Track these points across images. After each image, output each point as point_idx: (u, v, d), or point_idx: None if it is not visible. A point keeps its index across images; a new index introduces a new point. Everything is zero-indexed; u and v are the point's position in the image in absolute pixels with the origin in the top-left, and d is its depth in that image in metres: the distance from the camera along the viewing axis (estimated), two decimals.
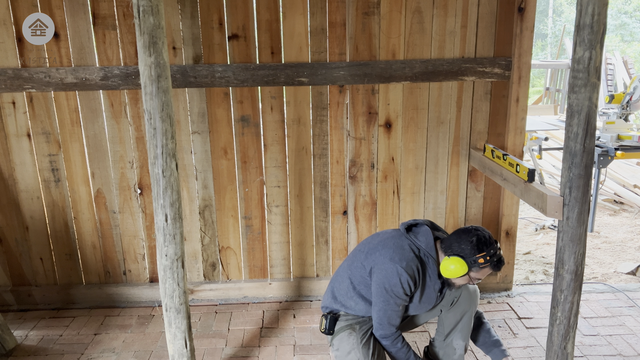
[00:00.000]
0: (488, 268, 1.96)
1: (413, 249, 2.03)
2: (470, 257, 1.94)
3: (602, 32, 1.74)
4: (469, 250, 1.94)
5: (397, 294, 1.98)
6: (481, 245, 1.94)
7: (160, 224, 2.01)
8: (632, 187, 5.23)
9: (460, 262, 1.94)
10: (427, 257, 2.03)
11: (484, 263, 1.93)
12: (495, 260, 1.94)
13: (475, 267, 1.95)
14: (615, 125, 4.04)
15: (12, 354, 2.56)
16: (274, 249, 3.00)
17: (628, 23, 17.97)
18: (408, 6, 2.68)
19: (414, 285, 2.00)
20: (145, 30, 1.85)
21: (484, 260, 1.93)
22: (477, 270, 1.96)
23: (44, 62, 2.65)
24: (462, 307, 2.17)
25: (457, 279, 2.01)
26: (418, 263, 2.01)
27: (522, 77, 2.76)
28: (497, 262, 1.95)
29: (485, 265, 1.94)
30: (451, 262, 1.95)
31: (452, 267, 1.94)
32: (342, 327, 2.13)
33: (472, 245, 1.94)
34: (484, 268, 1.95)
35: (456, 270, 1.94)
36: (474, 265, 1.94)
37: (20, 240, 2.91)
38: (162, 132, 1.93)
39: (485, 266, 1.94)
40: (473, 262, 1.94)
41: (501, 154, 2.43)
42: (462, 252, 1.95)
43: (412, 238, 2.05)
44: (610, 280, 3.39)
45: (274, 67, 2.70)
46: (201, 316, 2.89)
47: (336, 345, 2.12)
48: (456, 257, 1.95)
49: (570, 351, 2.03)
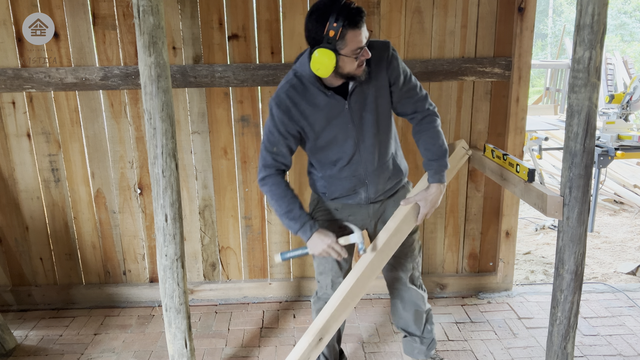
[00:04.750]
0: (348, 31, 1.63)
1: (289, 75, 1.84)
2: (322, 38, 1.64)
3: (602, 32, 1.74)
4: (317, 32, 1.64)
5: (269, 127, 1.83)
6: (322, 17, 1.62)
7: (160, 224, 2.01)
8: (632, 187, 5.24)
9: (320, 51, 1.64)
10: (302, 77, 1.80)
11: (337, 31, 1.61)
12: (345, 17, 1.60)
13: (337, 42, 1.63)
14: (615, 125, 4.04)
15: (12, 354, 2.56)
16: (274, 249, 3.00)
17: (628, 23, 17.97)
18: (408, 6, 2.68)
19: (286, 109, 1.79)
20: (145, 30, 1.85)
21: (333, 30, 1.60)
22: (342, 44, 1.64)
23: (44, 62, 2.65)
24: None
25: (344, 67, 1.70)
26: (291, 86, 1.80)
27: (522, 77, 2.76)
28: (348, 17, 1.60)
29: (339, 33, 1.62)
30: (316, 59, 1.66)
31: (319, 64, 1.66)
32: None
33: (314, 25, 1.65)
34: (344, 35, 1.63)
35: (324, 62, 1.65)
36: (332, 41, 1.62)
37: (20, 240, 2.91)
38: (162, 132, 1.93)
39: (341, 33, 1.62)
40: (329, 40, 1.62)
41: (501, 154, 2.43)
42: (315, 40, 1.66)
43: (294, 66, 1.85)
44: (610, 280, 3.39)
45: (274, 67, 2.70)
46: (201, 316, 2.89)
47: None
48: (315, 50, 1.65)
49: (570, 351, 2.03)
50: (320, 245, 1.87)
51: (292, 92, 1.81)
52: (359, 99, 1.84)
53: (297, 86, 1.81)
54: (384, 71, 1.84)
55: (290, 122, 1.82)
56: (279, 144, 1.85)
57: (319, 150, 1.92)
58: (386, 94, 1.88)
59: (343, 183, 1.97)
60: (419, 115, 1.97)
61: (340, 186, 1.98)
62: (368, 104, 1.85)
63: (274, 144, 1.85)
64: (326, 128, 1.85)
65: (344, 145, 1.89)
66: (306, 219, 1.88)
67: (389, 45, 1.85)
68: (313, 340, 1.98)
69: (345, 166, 1.93)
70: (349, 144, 1.89)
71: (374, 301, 3.00)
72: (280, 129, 1.83)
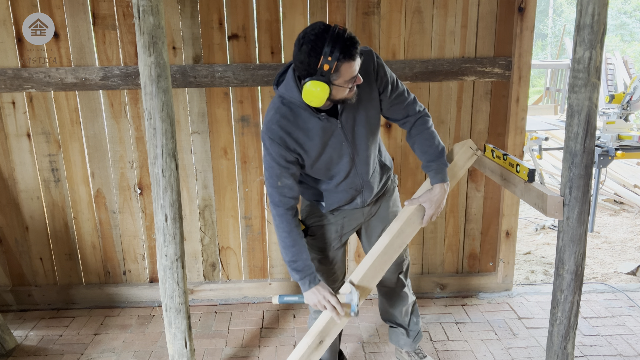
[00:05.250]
0: (343, 64, 1.57)
1: (275, 103, 1.76)
2: (317, 71, 1.57)
3: (602, 32, 1.74)
4: (309, 65, 1.58)
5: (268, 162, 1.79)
6: (315, 50, 1.56)
7: (160, 224, 2.01)
8: (632, 187, 5.23)
9: (313, 83, 1.58)
10: (290, 104, 1.74)
11: (331, 65, 1.55)
12: (340, 50, 1.54)
13: (332, 75, 1.58)
14: (616, 125, 4.04)
15: (12, 354, 2.56)
16: (274, 249, 3.00)
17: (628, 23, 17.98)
18: (408, 6, 2.68)
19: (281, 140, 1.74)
20: (145, 30, 1.85)
21: (328, 64, 1.55)
22: (336, 76, 1.59)
23: (44, 62, 2.65)
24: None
25: (336, 96, 1.67)
26: (280, 116, 1.73)
27: (522, 77, 2.75)
28: (343, 50, 1.54)
29: (335, 66, 1.56)
30: (308, 91, 1.60)
31: (312, 96, 1.61)
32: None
33: (307, 57, 1.57)
34: (339, 68, 1.57)
35: (317, 94, 1.60)
36: (327, 74, 1.57)
37: (20, 240, 2.91)
38: (162, 132, 1.93)
39: (336, 66, 1.57)
40: (323, 73, 1.56)
41: (501, 154, 2.42)
42: (307, 72, 1.60)
43: (279, 92, 1.77)
44: (611, 280, 3.39)
45: (274, 67, 2.70)
46: (201, 316, 2.89)
47: None
48: (308, 82, 1.59)
49: (570, 351, 2.03)
50: (316, 298, 1.86)
51: (284, 122, 1.74)
52: (349, 115, 1.80)
53: (287, 115, 1.74)
54: (372, 83, 1.81)
55: (288, 152, 1.77)
56: (282, 176, 1.80)
57: (316, 171, 1.90)
58: (376, 104, 1.86)
59: (340, 195, 1.96)
60: (412, 119, 1.96)
61: (337, 198, 1.97)
62: (359, 118, 1.82)
63: (278, 177, 1.80)
64: (322, 151, 1.82)
65: (339, 163, 1.87)
66: (308, 273, 1.86)
67: (372, 54, 1.80)
68: (313, 342, 1.97)
69: (342, 181, 1.92)
70: (345, 161, 1.87)
71: (374, 301, 3.00)
72: (279, 161, 1.77)
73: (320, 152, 1.81)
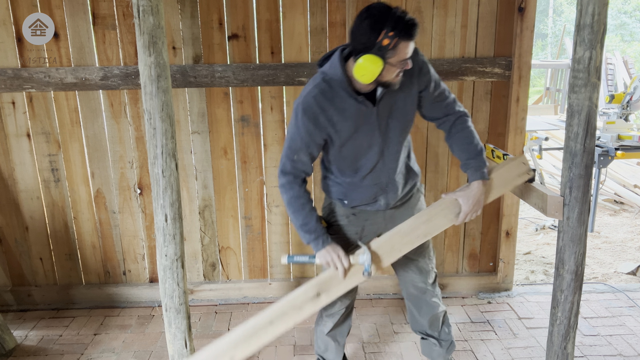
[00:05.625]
0: (401, 42, 1.61)
1: (316, 79, 1.78)
2: (374, 45, 1.61)
3: (602, 32, 1.74)
4: (369, 39, 1.61)
5: (292, 133, 1.79)
6: (377, 25, 1.60)
7: (160, 224, 2.01)
8: (632, 187, 5.23)
9: (369, 57, 1.61)
10: (332, 81, 1.75)
11: (391, 40, 1.59)
12: (400, 28, 1.59)
13: (388, 52, 1.61)
14: (616, 125, 4.04)
15: (12, 354, 2.56)
16: (274, 249, 3.00)
17: (628, 23, 17.98)
18: (408, 6, 2.67)
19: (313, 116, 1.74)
20: (145, 30, 1.85)
21: (388, 38, 1.59)
22: (392, 54, 1.62)
23: (44, 62, 2.65)
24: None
25: (385, 75, 1.68)
26: (319, 91, 1.74)
27: (522, 77, 2.75)
28: (404, 29, 1.59)
29: (394, 43, 1.60)
30: (361, 65, 1.63)
31: (365, 70, 1.63)
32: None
33: (367, 31, 1.61)
34: (397, 45, 1.61)
35: (371, 69, 1.62)
36: (384, 50, 1.60)
37: (20, 240, 2.91)
38: (162, 132, 1.93)
39: (395, 43, 1.60)
40: (380, 49, 1.60)
41: (501, 153, 2.42)
42: (365, 46, 1.62)
43: (322, 69, 1.80)
44: (611, 281, 3.39)
45: (274, 67, 2.70)
46: (201, 316, 2.89)
47: None
48: (363, 56, 1.62)
49: (570, 351, 2.03)
50: (328, 256, 1.84)
51: (321, 97, 1.74)
52: (387, 105, 1.80)
53: (325, 91, 1.75)
54: (414, 77, 1.81)
55: (316, 130, 1.76)
56: (300, 152, 1.80)
57: (342, 158, 1.87)
58: (414, 100, 1.86)
59: (364, 191, 1.93)
60: (452, 118, 1.93)
61: (360, 194, 1.94)
62: (395, 110, 1.82)
63: (296, 151, 1.80)
64: (353, 135, 1.80)
65: (368, 152, 1.85)
66: (320, 233, 1.85)
67: (418, 51, 1.81)
68: (310, 291, 1.88)
69: (367, 174, 1.89)
70: (374, 152, 1.86)
71: (374, 301, 3.00)
72: (304, 137, 1.77)
73: (351, 135, 1.80)
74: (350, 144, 1.82)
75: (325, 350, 2.24)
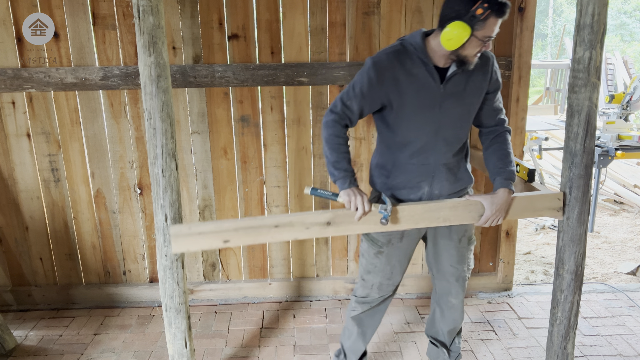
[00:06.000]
0: (492, 17, 1.68)
1: (394, 43, 1.85)
2: (466, 13, 1.67)
3: (602, 32, 1.74)
4: (464, 6, 1.68)
5: (355, 80, 1.84)
6: None
7: (160, 224, 2.01)
8: (632, 187, 5.24)
9: (459, 24, 1.68)
10: (409, 45, 1.82)
11: (484, 11, 1.66)
12: (495, 2, 1.66)
13: (478, 22, 1.67)
14: (616, 125, 4.04)
15: (12, 354, 2.56)
16: (274, 249, 3.00)
17: (628, 23, 17.98)
18: (408, 6, 2.67)
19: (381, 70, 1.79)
20: (145, 30, 1.85)
21: (482, 9, 1.66)
22: (481, 26, 1.68)
23: (44, 62, 2.65)
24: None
25: (467, 48, 1.73)
26: (394, 50, 1.81)
27: (522, 77, 2.75)
28: (498, 4, 1.67)
29: (486, 14, 1.66)
30: (450, 31, 1.69)
31: (453, 35, 1.69)
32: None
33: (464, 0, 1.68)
34: (488, 18, 1.67)
35: (458, 35, 1.68)
36: (475, 20, 1.67)
37: (20, 240, 2.91)
38: (162, 132, 1.93)
39: (487, 14, 1.66)
40: (472, 17, 1.67)
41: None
42: (457, 14, 1.69)
43: (402, 37, 1.89)
44: (611, 280, 3.39)
45: (274, 67, 2.70)
46: (201, 316, 2.89)
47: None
48: (453, 23, 1.69)
49: (570, 351, 2.03)
50: (350, 196, 1.84)
51: (393, 56, 1.80)
52: (453, 87, 1.83)
53: (400, 52, 1.81)
54: (487, 75, 1.87)
55: (378, 84, 1.80)
56: (355, 99, 1.83)
57: (395, 126, 1.87)
58: (480, 96, 1.89)
59: (409, 171, 1.92)
60: (500, 129, 1.97)
61: (404, 174, 1.93)
62: (460, 95, 1.84)
63: (351, 97, 1.83)
64: (412, 103, 1.82)
65: (422, 128, 1.86)
66: (349, 173, 1.86)
67: (494, 58, 1.91)
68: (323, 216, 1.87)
69: (415, 152, 1.89)
70: (428, 129, 1.86)
71: None
72: (364, 86, 1.81)
73: (410, 103, 1.82)
74: (407, 112, 1.84)
75: (348, 338, 2.22)
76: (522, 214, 1.96)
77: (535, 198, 1.93)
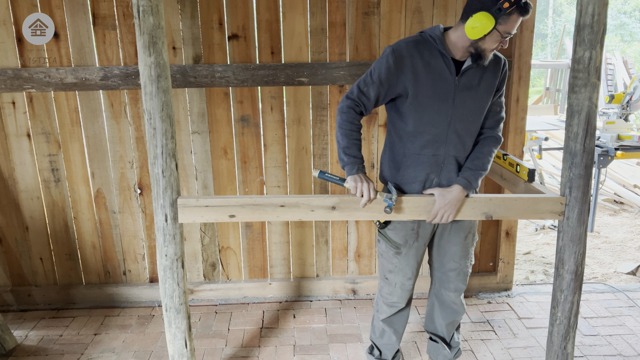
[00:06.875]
0: (516, 13, 1.73)
1: (415, 34, 1.92)
2: (493, 5, 1.72)
3: (602, 32, 1.74)
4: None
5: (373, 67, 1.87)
6: None
7: (160, 224, 2.01)
8: (632, 187, 5.24)
9: (484, 15, 1.73)
10: (428, 37, 1.87)
11: (510, 6, 1.71)
12: (520, 0, 1.72)
13: (502, 16, 1.72)
14: (616, 125, 4.04)
15: (12, 354, 2.56)
16: (274, 249, 3.00)
17: (628, 23, 17.98)
18: (408, 6, 2.68)
19: (400, 57, 1.83)
20: (145, 30, 1.85)
21: (509, 3, 1.71)
22: (504, 20, 1.73)
23: (44, 62, 2.65)
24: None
25: (487, 41, 1.78)
26: (413, 40, 1.86)
27: (522, 77, 2.76)
28: (523, 3, 1.73)
29: (512, 9, 1.72)
30: (475, 20, 1.74)
31: (478, 24, 1.73)
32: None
33: None
34: (512, 14, 1.73)
35: (483, 24, 1.73)
36: (501, 13, 1.72)
37: (20, 240, 2.91)
38: (162, 132, 1.93)
39: (513, 9, 1.72)
40: (498, 10, 1.72)
41: (501, 154, 2.42)
42: (483, 5, 1.74)
43: (423, 30, 1.94)
44: (610, 280, 3.39)
45: (274, 67, 2.70)
46: (201, 316, 2.89)
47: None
48: (479, 12, 1.74)
49: (570, 351, 2.03)
50: (357, 182, 1.86)
51: (412, 45, 1.84)
52: (467, 81, 1.87)
53: (419, 42, 1.85)
54: (498, 74, 1.91)
55: (396, 71, 1.83)
56: (372, 86, 1.86)
57: (408, 115, 1.89)
58: (490, 94, 1.92)
59: (419, 162, 1.93)
60: (491, 132, 1.99)
61: (414, 167, 1.94)
62: (472, 89, 1.88)
63: (368, 84, 1.86)
64: (428, 91, 1.85)
65: (435, 118, 1.88)
66: (358, 160, 1.89)
67: (507, 64, 1.97)
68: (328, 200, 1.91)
69: (427, 143, 1.90)
70: (441, 120, 1.88)
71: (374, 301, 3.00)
72: (382, 73, 1.84)
73: (425, 91, 1.85)
74: (421, 101, 1.86)
75: (381, 337, 2.25)
76: (524, 215, 1.96)
77: (537, 200, 1.93)
